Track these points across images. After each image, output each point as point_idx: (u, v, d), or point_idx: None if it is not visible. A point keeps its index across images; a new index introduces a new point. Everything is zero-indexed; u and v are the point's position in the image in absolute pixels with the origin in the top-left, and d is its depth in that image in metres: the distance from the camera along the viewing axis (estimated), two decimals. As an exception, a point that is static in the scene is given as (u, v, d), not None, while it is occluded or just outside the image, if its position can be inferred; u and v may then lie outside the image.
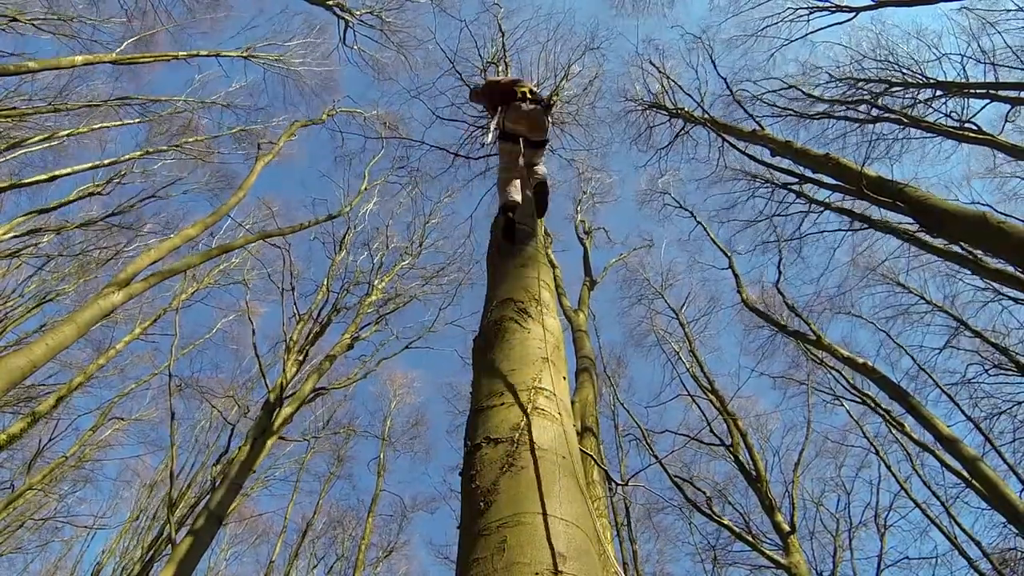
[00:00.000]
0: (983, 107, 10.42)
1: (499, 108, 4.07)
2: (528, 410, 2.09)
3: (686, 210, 15.70)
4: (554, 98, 4.48)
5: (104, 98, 15.03)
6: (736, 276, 14.13)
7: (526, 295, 2.96)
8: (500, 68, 10.46)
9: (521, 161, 3.96)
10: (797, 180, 10.74)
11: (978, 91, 10.50)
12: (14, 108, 13.70)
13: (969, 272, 11.02)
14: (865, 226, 10.16)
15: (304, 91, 16.31)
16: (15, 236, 14.41)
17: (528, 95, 4.00)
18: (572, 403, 5.15)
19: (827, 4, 12.08)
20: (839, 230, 11.72)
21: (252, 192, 12.68)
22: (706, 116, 12.22)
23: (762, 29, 13.22)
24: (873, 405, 12.65)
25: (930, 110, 11.15)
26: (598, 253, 18.84)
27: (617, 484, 7.20)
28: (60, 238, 15.96)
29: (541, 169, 4.08)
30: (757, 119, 10.98)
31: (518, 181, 3.87)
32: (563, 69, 11.84)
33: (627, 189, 28.85)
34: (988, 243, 6.25)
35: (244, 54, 15.07)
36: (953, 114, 10.57)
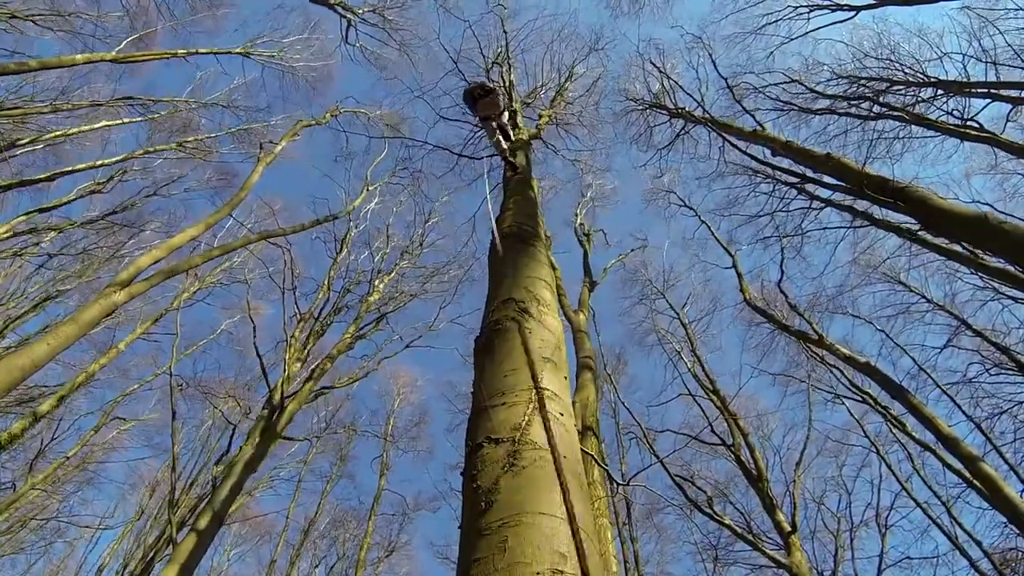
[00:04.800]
0: (984, 106, 10.37)
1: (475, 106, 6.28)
2: (529, 410, 2.09)
3: (690, 208, 15.73)
4: (494, 84, 6.87)
5: (105, 97, 15.05)
6: (739, 275, 14.13)
7: (527, 295, 2.96)
8: (503, 69, 10.47)
9: (498, 132, 6.25)
10: (798, 179, 10.73)
11: (979, 90, 10.46)
12: (15, 108, 13.71)
13: (970, 271, 11.02)
14: (866, 223, 10.14)
15: (301, 88, 16.41)
16: (17, 235, 14.43)
17: (480, 92, 6.02)
18: (573, 403, 5.16)
19: (827, 3, 12.06)
20: (840, 227, 11.70)
21: (254, 192, 12.71)
22: (707, 116, 12.20)
23: (762, 27, 13.18)
24: (874, 404, 12.63)
25: (932, 108, 11.11)
26: (597, 254, 18.87)
27: (618, 484, 7.22)
28: (62, 237, 16.00)
29: (508, 131, 6.57)
30: (758, 119, 10.97)
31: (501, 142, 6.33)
32: (567, 70, 11.86)
33: (627, 189, 28.80)
34: (989, 243, 6.25)
35: (243, 51, 15.09)
36: (955, 112, 10.53)
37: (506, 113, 6.55)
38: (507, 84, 9.98)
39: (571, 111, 11.86)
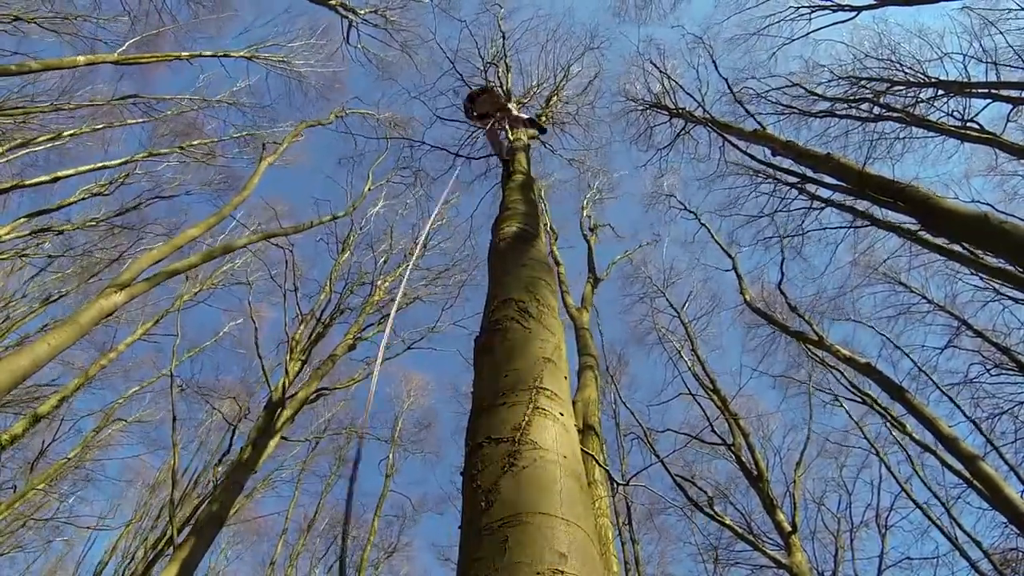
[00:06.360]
0: (985, 106, 10.38)
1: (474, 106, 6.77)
2: (529, 410, 2.10)
3: (691, 212, 15.78)
4: (490, 83, 7.46)
5: (108, 98, 15.05)
6: (739, 277, 14.16)
7: (527, 295, 2.96)
8: (500, 69, 10.45)
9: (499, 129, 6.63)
10: (799, 179, 10.72)
11: (980, 90, 10.46)
12: (17, 108, 13.72)
13: (970, 271, 11.02)
14: (867, 223, 10.14)
15: (308, 93, 16.33)
16: (18, 236, 14.45)
17: (477, 92, 6.72)
18: (574, 402, 5.16)
19: (829, 3, 12.07)
20: (841, 227, 11.71)
21: (257, 194, 12.71)
22: (707, 116, 12.19)
23: (763, 28, 13.20)
24: (874, 405, 12.63)
25: (932, 109, 11.11)
26: (603, 250, 18.87)
27: (619, 484, 7.20)
28: (63, 238, 16.00)
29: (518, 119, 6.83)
30: (758, 119, 10.96)
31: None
32: (563, 70, 11.84)
33: (629, 187, 28.86)
34: (989, 243, 6.24)
35: (247, 55, 15.07)
36: (955, 113, 10.53)
37: (512, 105, 6.68)
38: (504, 85, 9.97)
39: (567, 110, 11.84)
